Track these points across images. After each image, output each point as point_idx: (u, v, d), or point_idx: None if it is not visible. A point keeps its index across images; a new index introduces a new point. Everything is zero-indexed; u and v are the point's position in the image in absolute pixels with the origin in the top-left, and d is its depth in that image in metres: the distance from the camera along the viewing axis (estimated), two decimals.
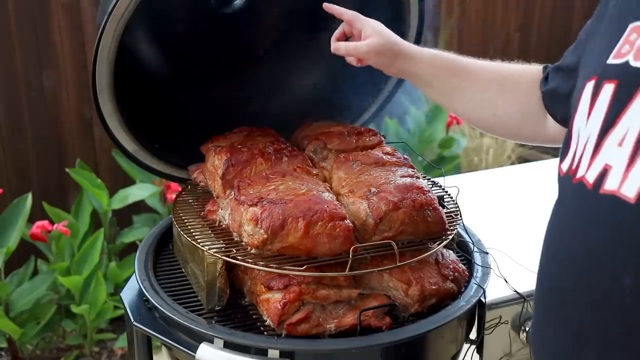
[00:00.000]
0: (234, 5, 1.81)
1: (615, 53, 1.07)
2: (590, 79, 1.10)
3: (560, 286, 1.09)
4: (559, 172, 1.15)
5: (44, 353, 3.02)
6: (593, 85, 1.08)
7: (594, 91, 1.08)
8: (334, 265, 1.38)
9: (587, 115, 1.08)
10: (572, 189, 1.08)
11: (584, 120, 1.09)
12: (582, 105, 1.10)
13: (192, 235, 1.48)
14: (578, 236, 1.06)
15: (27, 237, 2.83)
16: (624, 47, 1.06)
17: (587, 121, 1.08)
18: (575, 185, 1.07)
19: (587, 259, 1.03)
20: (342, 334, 1.37)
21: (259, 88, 1.93)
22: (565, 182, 1.11)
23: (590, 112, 1.07)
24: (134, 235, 3.12)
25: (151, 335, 1.43)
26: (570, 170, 1.10)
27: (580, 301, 1.05)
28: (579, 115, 1.11)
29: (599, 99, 1.06)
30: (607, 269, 1.00)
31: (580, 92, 1.12)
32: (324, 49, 1.93)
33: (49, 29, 3.17)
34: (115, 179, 3.32)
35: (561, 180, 1.14)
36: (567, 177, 1.11)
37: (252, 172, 1.57)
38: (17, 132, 3.19)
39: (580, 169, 1.07)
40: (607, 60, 1.08)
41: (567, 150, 1.14)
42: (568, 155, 1.13)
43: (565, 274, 1.08)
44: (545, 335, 1.15)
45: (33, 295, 2.75)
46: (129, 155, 1.70)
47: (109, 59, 1.50)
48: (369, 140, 1.69)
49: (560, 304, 1.10)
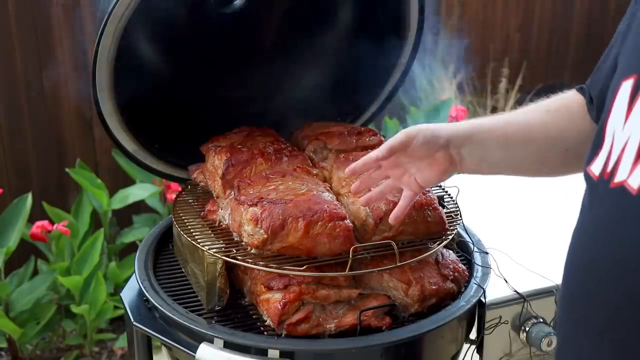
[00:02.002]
0: (234, 5, 1.81)
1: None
2: (627, 77, 1.04)
3: (600, 298, 1.01)
4: (589, 175, 1.08)
5: (44, 353, 3.02)
6: (632, 85, 1.02)
7: (634, 91, 1.01)
8: (334, 265, 1.38)
9: (625, 116, 1.02)
10: (610, 193, 1.01)
11: (621, 121, 1.03)
12: (619, 105, 1.04)
13: (192, 235, 1.48)
14: (621, 243, 0.98)
15: (27, 237, 2.83)
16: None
17: (625, 122, 1.01)
18: (614, 189, 1.00)
19: (632, 268, 0.96)
20: (342, 334, 1.37)
21: (259, 88, 1.93)
22: (600, 186, 1.04)
23: (629, 112, 1.01)
24: (134, 235, 3.12)
25: (151, 335, 1.43)
26: (605, 173, 1.03)
27: (626, 315, 0.97)
28: (615, 115, 1.05)
29: (639, 100, 1.00)
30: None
31: (616, 90, 1.06)
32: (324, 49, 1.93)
33: (49, 29, 3.17)
34: (115, 179, 3.32)
35: (593, 184, 1.06)
36: (602, 181, 1.03)
37: (252, 172, 1.57)
38: (17, 132, 3.19)
39: (620, 173, 1.00)
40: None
41: (597, 151, 1.07)
42: (599, 157, 1.06)
43: (604, 284, 1.00)
44: (580, 353, 1.05)
45: (33, 295, 2.75)
46: (129, 155, 1.70)
47: (109, 59, 1.50)
48: (369, 140, 1.69)
49: (601, 319, 1.01)
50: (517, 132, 1.33)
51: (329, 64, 1.96)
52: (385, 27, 1.83)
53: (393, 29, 1.81)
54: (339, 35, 1.92)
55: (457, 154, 1.32)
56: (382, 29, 1.83)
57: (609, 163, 1.03)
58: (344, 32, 1.92)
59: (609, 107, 1.07)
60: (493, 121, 1.35)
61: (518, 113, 1.37)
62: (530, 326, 1.54)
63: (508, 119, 1.36)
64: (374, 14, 1.83)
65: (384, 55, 1.85)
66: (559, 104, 1.36)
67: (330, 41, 1.93)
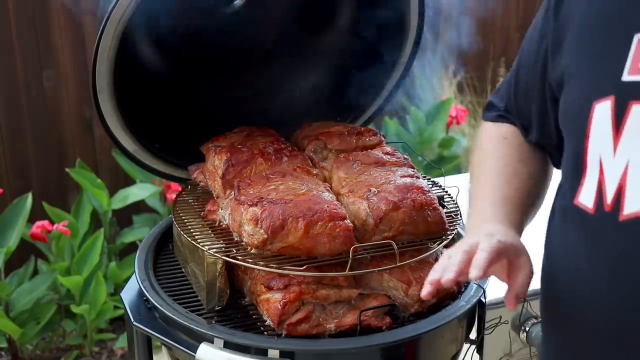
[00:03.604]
0: (234, 5, 1.81)
1: (630, 69, 0.95)
2: (601, 99, 0.97)
3: (624, 345, 0.96)
4: (579, 208, 1.01)
5: (44, 353, 3.02)
6: (611, 106, 0.95)
7: (617, 113, 0.95)
8: (334, 265, 1.38)
9: (612, 142, 0.95)
10: (623, 226, 0.94)
11: (607, 147, 0.96)
12: (599, 130, 0.97)
13: (192, 235, 1.48)
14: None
15: (27, 237, 2.83)
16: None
17: (615, 148, 0.95)
18: (629, 222, 0.94)
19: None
20: (342, 334, 1.37)
21: (258, 88, 1.93)
22: (602, 219, 0.97)
23: (617, 138, 0.95)
24: (134, 235, 3.12)
25: (151, 335, 1.43)
26: (605, 205, 0.96)
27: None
28: (597, 140, 0.98)
29: (629, 122, 0.93)
30: None
31: (587, 113, 0.99)
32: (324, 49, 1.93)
33: (49, 29, 3.17)
34: (115, 179, 3.32)
35: (589, 218, 1.00)
36: (603, 214, 0.97)
37: (252, 172, 1.57)
38: (17, 132, 3.19)
39: (630, 204, 0.93)
40: (621, 77, 0.95)
41: (581, 181, 1.01)
42: (586, 188, 1.00)
43: (632, 322, 0.96)
44: None
45: (33, 295, 2.75)
46: (129, 155, 1.70)
47: (109, 59, 1.50)
48: (369, 140, 1.69)
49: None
50: (527, 204, 1.23)
51: (329, 64, 1.96)
52: (385, 27, 1.83)
53: (393, 28, 1.81)
54: (339, 35, 1.92)
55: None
56: (382, 29, 1.83)
57: (604, 193, 0.97)
58: (344, 32, 1.92)
59: (584, 132, 1.00)
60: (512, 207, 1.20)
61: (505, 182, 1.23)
62: (530, 326, 1.54)
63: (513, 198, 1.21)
64: (374, 14, 1.83)
65: (383, 55, 1.85)
66: (518, 150, 1.25)
67: (330, 41, 1.93)
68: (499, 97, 1.31)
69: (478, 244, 1.03)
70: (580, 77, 1.04)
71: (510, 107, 1.27)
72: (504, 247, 1.03)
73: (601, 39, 1.02)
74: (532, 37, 1.19)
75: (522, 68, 1.22)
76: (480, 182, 1.23)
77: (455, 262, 1.02)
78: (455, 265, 1.01)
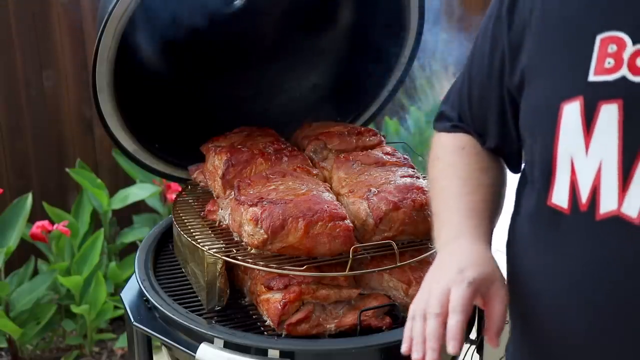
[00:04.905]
0: (234, 5, 1.81)
1: (596, 69, 0.96)
2: (568, 99, 0.97)
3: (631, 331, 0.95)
4: (552, 208, 1.01)
5: (44, 353, 3.02)
6: (580, 107, 0.96)
7: (587, 113, 0.95)
8: (334, 265, 1.38)
9: (584, 141, 0.96)
10: (601, 226, 0.95)
11: (579, 147, 0.97)
12: (569, 130, 0.97)
13: (192, 235, 1.48)
14: (629, 279, 0.93)
15: (27, 237, 2.82)
16: (606, 61, 0.95)
17: (587, 147, 0.96)
18: (605, 221, 0.94)
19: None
20: (342, 334, 1.37)
21: (259, 88, 1.93)
22: (578, 219, 0.98)
23: (588, 137, 0.96)
24: (134, 235, 3.12)
25: (151, 335, 1.43)
26: (580, 205, 0.97)
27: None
28: (567, 141, 0.98)
29: (600, 122, 0.94)
30: None
31: (555, 115, 0.99)
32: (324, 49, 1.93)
33: (49, 29, 3.17)
34: (115, 179, 3.32)
35: (563, 218, 1.00)
36: (579, 214, 0.97)
37: (252, 172, 1.57)
38: (17, 132, 3.18)
39: (605, 203, 0.94)
40: (587, 77, 0.96)
41: (551, 181, 1.01)
42: (558, 188, 1.00)
43: (609, 330, 0.96)
44: None
45: (33, 295, 2.75)
46: (129, 155, 1.70)
47: (109, 59, 1.50)
48: (369, 140, 1.69)
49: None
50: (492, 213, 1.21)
51: (329, 64, 1.97)
52: (385, 28, 1.83)
53: (393, 29, 1.81)
54: (339, 36, 1.92)
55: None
56: (382, 30, 1.83)
57: (578, 193, 0.97)
58: (344, 33, 1.92)
59: (552, 133, 1.00)
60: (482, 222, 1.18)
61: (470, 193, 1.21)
62: None
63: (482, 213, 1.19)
64: (374, 14, 1.83)
65: (383, 56, 1.85)
66: (476, 159, 1.23)
67: (330, 41, 1.93)
68: (449, 106, 1.28)
69: (448, 294, 1.02)
70: (544, 77, 1.04)
71: (464, 116, 1.24)
72: (475, 289, 1.03)
73: (563, 40, 1.02)
74: (483, 42, 1.16)
75: (474, 75, 1.20)
76: (444, 196, 1.21)
77: (432, 337, 1.03)
78: (433, 342, 1.03)
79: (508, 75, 1.11)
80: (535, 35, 1.05)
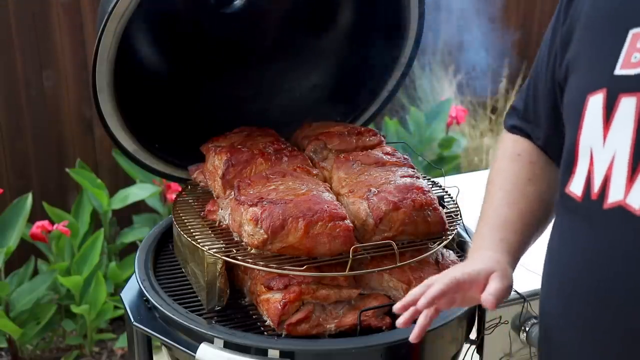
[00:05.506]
0: (234, 5, 1.81)
1: (622, 63, 0.98)
2: (594, 92, 1.00)
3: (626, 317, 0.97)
4: (569, 196, 1.04)
5: (44, 353, 3.02)
6: (603, 99, 0.99)
7: (608, 105, 0.98)
8: (334, 265, 1.38)
9: (602, 133, 0.98)
10: (607, 215, 0.97)
11: (598, 138, 0.99)
12: (591, 121, 1.00)
13: (192, 235, 1.48)
14: (628, 269, 0.95)
15: (27, 237, 2.83)
16: (633, 55, 0.97)
17: (604, 139, 0.98)
18: (611, 211, 0.97)
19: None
20: (342, 334, 1.37)
21: (259, 88, 1.93)
22: (588, 207, 1.00)
23: (607, 129, 0.98)
24: (134, 235, 3.12)
25: (151, 335, 1.43)
26: (592, 193, 1.00)
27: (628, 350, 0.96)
28: (588, 132, 1.01)
29: (618, 114, 0.97)
30: None
31: (581, 106, 1.02)
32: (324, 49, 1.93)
33: (49, 29, 3.17)
34: (115, 179, 3.32)
35: (577, 205, 1.03)
36: (589, 202, 1.00)
37: (252, 172, 1.57)
38: (17, 132, 3.18)
39: (613, 193, 0.96)
40: (614, 71, 0.99)
41: (572, 170, 1.04)
42: (577, 177, 1.03)
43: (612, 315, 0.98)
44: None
45: (33, 295, 2.75)
46: (129, 155, 1.70)
47: (109, 58, 1.50)
48: (369, 140, 1.69)
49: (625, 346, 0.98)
50: (531, 225, 1.25)
51: (329, 64, 1.96)
52: (385, 28, 1.83)
53: (393, 29, 1.81)
54: (339, 36, 1.92)
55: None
56: (382, 30, 1.83)
57: (592, 182, 1.00)
58: (344, 33, 1.92)
59: (577, 123, 1.03)
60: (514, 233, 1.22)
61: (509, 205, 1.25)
62: (530, 326, 1.54)
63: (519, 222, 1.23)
64: (374, 14, 1.83)
65: (383, 56, 1.85)
66: (528, 168, 1.27)
67: (330, 41, 1.93)
68: (520, 96, 1.32)
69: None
70: (580, 70, 1.07)
71: (527, 107, 1.28)
72: (461, 279, 1.10)
73: (599, 34, 1.05)
74: (546, 36, 1.21)
75: (537, 67, 1.24)
76: (486, 205, 1.27)
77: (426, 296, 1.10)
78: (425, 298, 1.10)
79: (558, 68, 1.15)
80: (580, 30, 1.08)
